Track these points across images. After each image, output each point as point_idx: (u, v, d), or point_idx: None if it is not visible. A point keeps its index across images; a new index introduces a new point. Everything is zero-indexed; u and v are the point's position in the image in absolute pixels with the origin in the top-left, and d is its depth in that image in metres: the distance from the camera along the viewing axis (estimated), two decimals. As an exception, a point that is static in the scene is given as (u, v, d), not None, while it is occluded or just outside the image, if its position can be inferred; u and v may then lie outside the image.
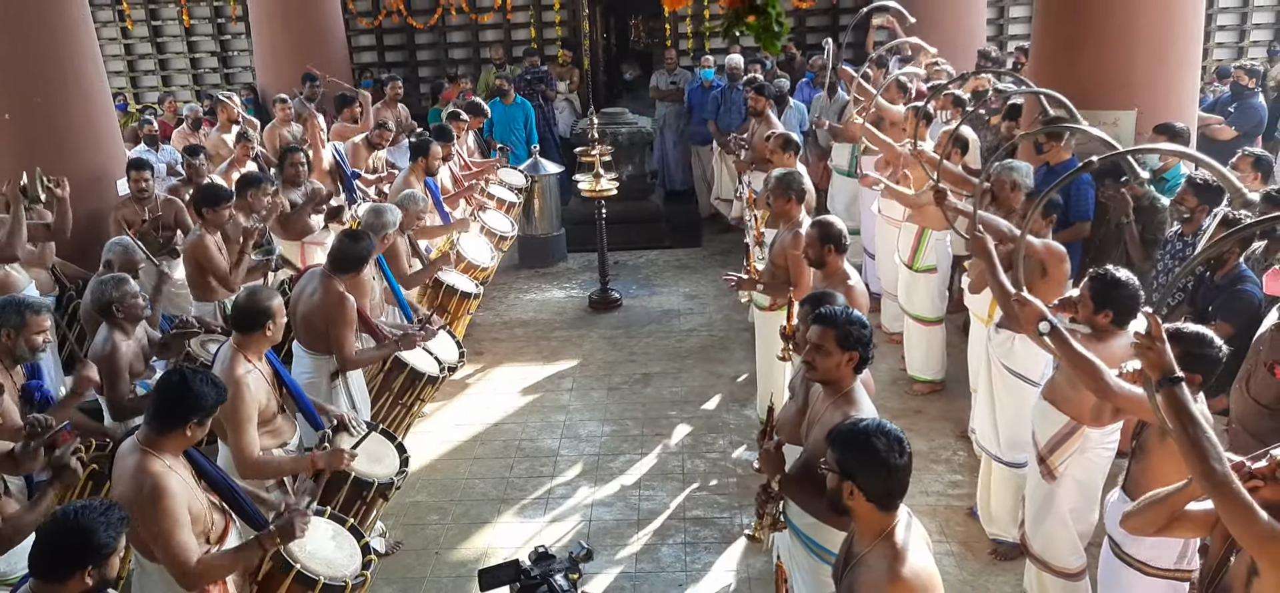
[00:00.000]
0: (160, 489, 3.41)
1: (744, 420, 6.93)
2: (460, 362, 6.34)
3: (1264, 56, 13.40)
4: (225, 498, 3.83)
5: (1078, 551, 4.51)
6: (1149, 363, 2.88)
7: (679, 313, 9.06)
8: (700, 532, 5.68)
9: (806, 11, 14.54)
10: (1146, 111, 6.44)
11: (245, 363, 4.35)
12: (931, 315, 7.03)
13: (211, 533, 3.66)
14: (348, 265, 5.29)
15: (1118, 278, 4.18)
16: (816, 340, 3.66)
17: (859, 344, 3.63)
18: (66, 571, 2.90)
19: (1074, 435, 4.31)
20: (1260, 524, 2.69)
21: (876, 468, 2.82)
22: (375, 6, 14.71)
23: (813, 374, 3.75)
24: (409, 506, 6.06)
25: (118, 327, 4.98)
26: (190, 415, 3.52)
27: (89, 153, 7.41)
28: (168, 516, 3.41)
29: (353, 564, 3.95)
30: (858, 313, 3.74)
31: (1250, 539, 2.74)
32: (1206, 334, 3.59)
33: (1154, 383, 2.86)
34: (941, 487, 5.99)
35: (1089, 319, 4.30)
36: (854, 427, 2.94)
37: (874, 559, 2.85)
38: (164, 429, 3.52)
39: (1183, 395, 2.81)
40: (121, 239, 6.03)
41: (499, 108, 11.41)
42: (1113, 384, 3.71)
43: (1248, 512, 2.71)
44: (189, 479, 3.62)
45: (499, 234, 8.40)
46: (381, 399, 5.70)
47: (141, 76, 15.55)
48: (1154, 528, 3.30)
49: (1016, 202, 5.79)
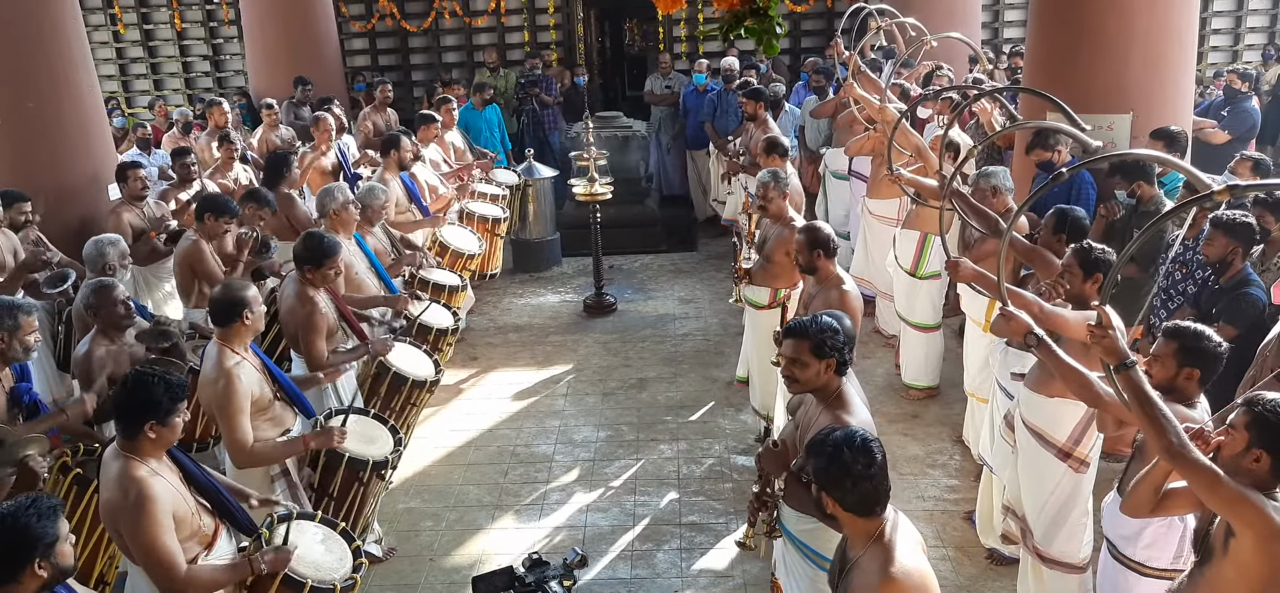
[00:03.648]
0: (144, 496, 3.40)
1: (739, 425, 6.91)
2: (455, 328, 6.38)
3: (1258, 61, 13.45)
4: (211, 501, 3.81)
5: (1091, 539, 4.52)
6: (1104, 350, 3.03)
7: (674, 318, 9.04)
8: (696, 537, 5.66)
9: (802, 16, 14.56)
10: (1142, 116, 6.44)
11: (233, 355, 4.38)
12: (932, 322, 7.01)
13: (201, 536, 3.63)
14: (311, 258, 5.27)
15: (1104, 251, 4.38)
16: (791, 354, 3.68)
17: (834, 350, 3.63)
18: (14, 569, 2.88)
19: (1094, 422, 4.30)
20: (1225, 488, 2.86)
21: (845, 479, 2.84)
22: (368, 10, 14.69)
23: (795, 387, 3.76)
24: (403, 512, 6.03)
25: (101, 331, 4.95)
26: (145, 418, 3.49)
27: (81, 157, 7.37)
28: (153, 522, 3.39)
29: (342, 568, 3.92)
30: (827, 319, 3.71)
31: (1218, 503, 2.91)
32: (1203, 330, 3.63)
33: (1111, 369, 3.02)
34: (938, 492, 5.98)
35: (1078, 291, 4.33)
36: (826, 438, 2.94)
37: (867, 562, 2.86)
38: (129, 434, 3.51)
39: (1137, 377, 2.98)
40: (97, 240, 5.97)
41: (470, 113, 11.37)
42: (1102, 392, 3.70)
43: (1211, 478, 2.88)
44: (175, 482, 3.59)
45: (490, 218, 8.33)
46: (370, 399, 5.57)
47: (133, 80, 15.51)
48: (1147, 507, 3.39)
49: (1001, 205, 5.79)
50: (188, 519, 3.57)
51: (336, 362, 5.33)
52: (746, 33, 4.18)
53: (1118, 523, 3.79)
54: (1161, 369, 3.63)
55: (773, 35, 4.19)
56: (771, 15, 4.06)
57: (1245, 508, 2.85)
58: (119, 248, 5.96)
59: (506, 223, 8.81)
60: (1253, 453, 2.90)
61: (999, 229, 5.46)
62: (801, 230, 5.17)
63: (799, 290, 5.88)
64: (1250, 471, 2.90)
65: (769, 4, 4.07)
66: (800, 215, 6.46)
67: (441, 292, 6.87)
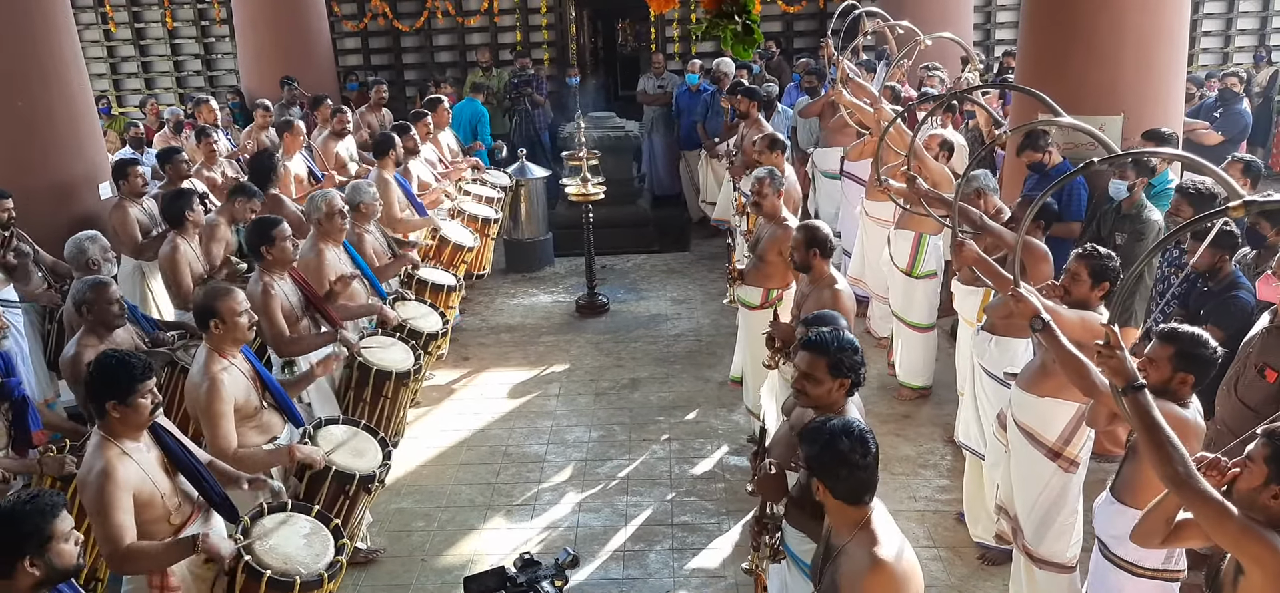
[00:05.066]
0: (104, 473, 3.48)
1: (731, 426, 6.91)
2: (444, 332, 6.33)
3: (1248, 63, 13.52)
4: (192, 480, 3.82)
5: (1080, 538, 4.52)
6: (1111, 370, 3.00)
7: (666, 318, 9.03)
8: (688, 537, 5.65)
9: (794, 16, 14.58)
10: (1133, 117, 6.45)
11: (220, 360, 4.36)
12: (926, 322, 7.03)
13: (172, 517, 3.65)
14: (261, 237, 5.32)
15: (1110, 257, 4.39)
16: (806, 368, 3.61)
17: (851, 371, 3.59)
18: (4, 565, 2.87)
19: (1084, 422, 4.31)
20: (1232, 522, 2.75)
21: (839, 466, 2.87)
22: (361, 9, 14.67)
23: (805, 400, 3.69)
24: (394, 512, 6.01)
25: (91, 330, 4.92)
26: (105, 398, 3.55)
27: (71, 156, 7.34)
28: (103, 496, 3.46)
29: (317, 564, 3.77)
30: (851, 338, 3.66)
31: (1224, 538, 2.80)
32: (1202, 335, 3.62)
33: (1118, 390, 2.98)
34: (930, 492, 5.98)
35: (1084, 297, 4.33)
36: (821, 426, 2.96)
37: (854, 548, 2.88)
38: (98, 414, 3.60)
39: (1145, 401, 2.93)
40: (76, 238, 5.95)
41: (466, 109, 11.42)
42: (1098, 382, 3.71)
43: (1218, 510, 2.77)
44: (150, 464, 3.64)
45: (482, 219, 8.36)
46: (356, 406, 5.52)
47: (124, 79, 15.46)
48: (1157, 538, 3.33)
49: (989, 207, 5.81)
50: (155, 502, 3.60)
51: (303, 344, 5.34)
52: (724, 34, 4.16)
53: (1109, 523, 3.80)
54: (1156, 372, 3.63)
55: (750, 41, 4.17)
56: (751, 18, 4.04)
57: (1254, 544, 2.74)
58: (99, 244, 5.94)
59: (498, 224, 8.82)
60: (1272, 489, 2.77)
61: (986, 226, 5.50)
62: (799, 228, 5.17)
63: (792, 290, 5.89)
64: (1267, 507, 2.78)
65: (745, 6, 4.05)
66: (795, 215, 6.47)
67: (439, 292, 6.88)
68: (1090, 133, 4.12)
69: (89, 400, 3.59)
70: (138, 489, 3.54)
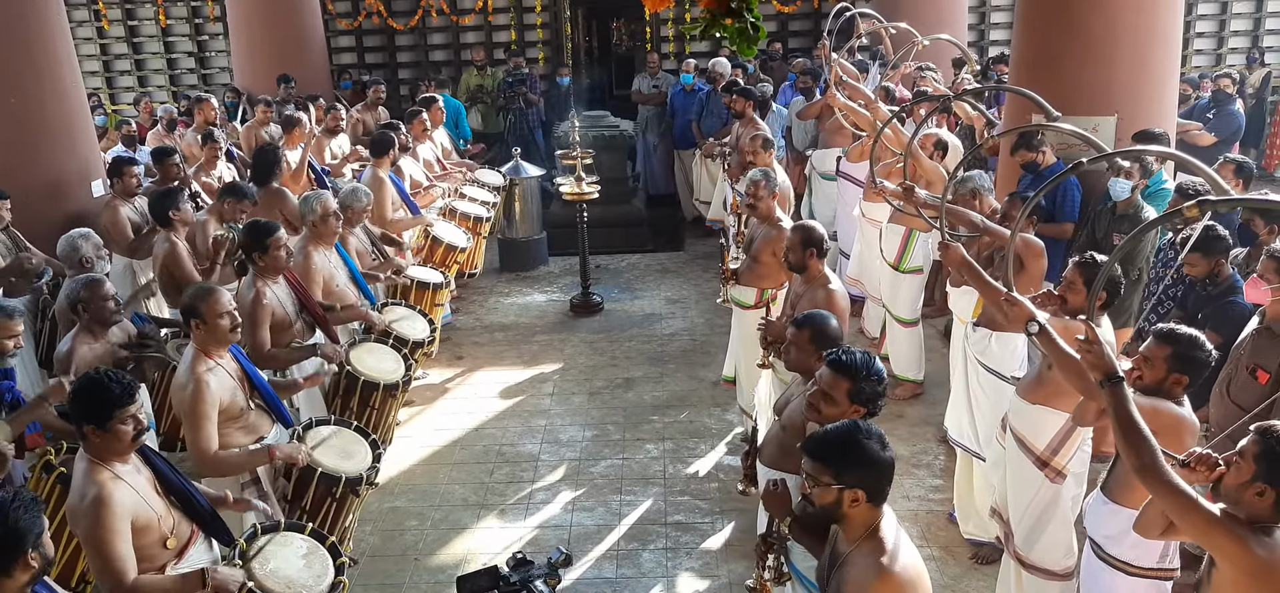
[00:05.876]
0: (99, 499, 3.32)
1: (725, 425, 6.91)
2: (431, 341, 6.29)
3: (1241, 63, 13.55)
4: (185, 507, 3.72)
5: (1072, 549, 4.50)
6: (1090, 364, 3.06)
7: (660, 317, 9.03)
8: (681, 537, 5.65)
9: (789, 16, 14.58)
10: (1126, 118, 6.47)
11: (206, 361, 4.31)
12: (910, 317, 7.05)
13: (171, 540, 3.54)
14: (255, 242, 5.29)
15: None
16: (827, 387, 3.49)
17: (870, 401, 3.46)
18: (8, 561, 2.82)
19: (1076, 432, 4.30)
20: (1198, 514, 2.80)
21: (871, 466, 2.80)
22: (355, 7, 14.64)
23: (816, 417, 3.53)
24: (387, 511, 6.00)
25: (85, 328, 4.89)
26: (83, 421, 3.41)
27: (64, 154, 7.31)
28: (103, 527, 3.30)
29: (320, 585, 3.75)
30: (880, 367, 3.52)
31: (1192, 529, 2.88)
32: (1198, 337, 3.64)
33: (1097, 382, 3.05)
34: (923, 492, 5.99)
35: (1079, 306, 4.32)
36: (838, 435, 2.87)
37: (860, 557, 2.82)
38: (82, 434, 3.44)
39: (1122, 394, 2.98)
40: (68, 236, 5.92)
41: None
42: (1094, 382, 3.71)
43: (1184, 502, 2.82)
44: (143, 486, 3.51)
45: (474, 217, 8.35)
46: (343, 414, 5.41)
47: (117, 77, 15.41)
48: (1157, 529, 3.36)
49: (984, 208, 5.81)
50: (153, 525, 3.47)
51: (280, 359, 5.27)
52: (724, 33, 4.13)
53: (1101, 522, 3.80)
54: (1152, 371, 3.64)
55: (749, 37, 4.13)
56: (753, 15, 4.01)
57: (1221, 537, 2.76)
58: (93, 241, 5.91)
59: (490, 223, 8.81)
60: (1257, 486, 2.76)
61: (986, 227, 5.50)
62: (795, 228, 5.17)
63: (784, 290, 5.89)
64: (1251, 503, 2.78)
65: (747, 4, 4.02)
66: (788, 215, 6.47)
67: (425, 290, 6.85)
68: (1077, 134, 4.13)
69: (71, 419, 3.46)
70: (135, 514, 3.40)
